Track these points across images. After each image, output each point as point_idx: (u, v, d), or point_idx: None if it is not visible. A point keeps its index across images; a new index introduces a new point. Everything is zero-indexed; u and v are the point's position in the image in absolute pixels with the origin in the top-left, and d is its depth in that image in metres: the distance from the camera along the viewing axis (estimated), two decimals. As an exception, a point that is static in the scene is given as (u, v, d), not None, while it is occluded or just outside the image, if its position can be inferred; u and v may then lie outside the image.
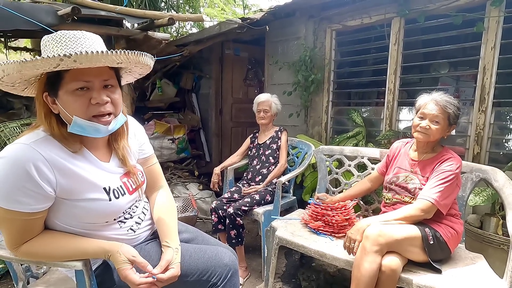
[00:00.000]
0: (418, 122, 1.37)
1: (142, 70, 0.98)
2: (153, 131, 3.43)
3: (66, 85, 0.81)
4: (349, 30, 2.63)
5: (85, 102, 0.82)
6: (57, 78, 0.81)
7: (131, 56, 0.82)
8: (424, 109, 1.37)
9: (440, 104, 1.33)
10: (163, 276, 0.89)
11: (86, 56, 0.74)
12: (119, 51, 0.79)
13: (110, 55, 0.77)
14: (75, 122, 0.82)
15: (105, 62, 0.79)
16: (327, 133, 2.85)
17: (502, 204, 1.35)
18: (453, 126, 1.38)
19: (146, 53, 0.87)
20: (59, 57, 0.72)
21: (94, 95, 0.83)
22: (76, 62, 0.74)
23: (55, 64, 0.74)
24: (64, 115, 0.84)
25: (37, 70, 0.76)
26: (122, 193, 0.95)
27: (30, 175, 0.77)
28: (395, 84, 2.38)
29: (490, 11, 1.89)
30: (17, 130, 2.38)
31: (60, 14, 2.16)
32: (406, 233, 1.25)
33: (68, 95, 0.81)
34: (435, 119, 1.33)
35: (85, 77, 0.81)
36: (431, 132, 1.35)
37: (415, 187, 1.42)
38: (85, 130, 0.84)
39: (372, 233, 1.24)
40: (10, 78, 0.78)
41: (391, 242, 1.22)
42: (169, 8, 5.28)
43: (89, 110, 0.83)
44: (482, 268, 1.30)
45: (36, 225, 0.85)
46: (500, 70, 1.92)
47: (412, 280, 1.20)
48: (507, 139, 2.17)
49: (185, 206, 2.75)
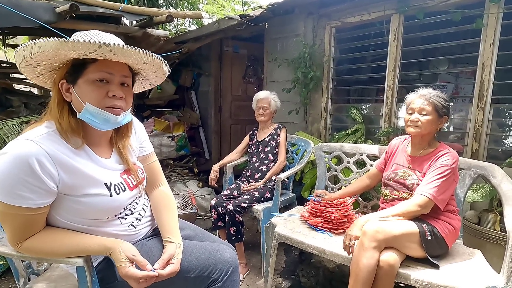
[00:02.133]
0: (408, 117, 1.44)
1: (156, 78, 1.04)
2: (153, 129, 3.43)
3: (88, 74, 0.85)
4: (348, 27, 2.63)
5: (102, 93, 0.86)
6: (82, 66, 0.85)
7: (156, 60, 0.90)
8: (412, 104, 1.44)
9: (426, 97, 1.40)
10: (163, 272, 0.90)
11: (121, 49, 0.80)
12: (148, 52, 0.86)
13: (141, 53, 0.84)
14: (87, 109, 0.85)
15: (134, 59, 0.86)
16: (326, 130, 2.85)
17: (500, 200, 1.37)
18: (444, 117, 1.40)
19: (166, 61, 0.94)
20: (98, 44, 0.77)
21: (113, 88, 0.88)
22: (111, 52, 0.80)
23: (92, 50, 0.78)
24: (77, 103, 0.86)
25: (73, 52, 0.79)
26: (123, 189, 0.96)
27: (33, 170, 0.77)
28: (394, 81, 2.38)
29: (489, 7, 1.90)
30: (16, 128, 2.38)
31: (59, 11, 2.15)
32: (404, 229, 1.26)
33: (87, 84, 0.85)
34: (423, 111, 1.39)
35: (109, 70, 0.86)
36: (421, 124, 1.39)
37: (413, 183, 1.44)
38: (94, 118, 0.86)
39: (370, 229, 1.25)
40: (41, 56, 0.80)
41: (389, 238, 1.23)
42: (167, 5, 5.26)
43: (104, 101, 0.87)
44: (480, 264, 1.31)
45: (39, 221, 0.85)
46: (499, 67, 1.92)
47: (410, 276, 1.22)
48: (505, 136, 2.18)
49: (184, 203, 2.75)
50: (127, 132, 1.03)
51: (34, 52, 0.79)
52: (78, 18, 2.31)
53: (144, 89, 1.14)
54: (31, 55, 0.80)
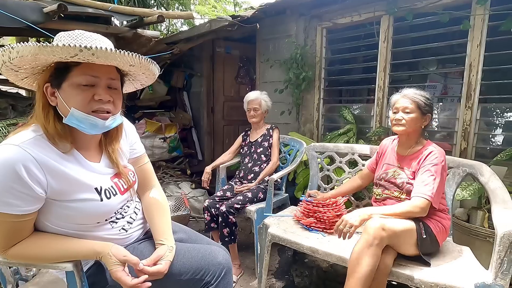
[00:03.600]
0: (393, 116, 1.49)
1: (146, 79, 1.01)
2: (144, 130, 3.40)
3: (72, 78, 0.81)
4: (339, 28, 2.65)
5: (88, 96, 0.83)
6: (65, 70, 0.81)
7: (144, 62, 0.86)
8: (396, 104, 1.49)
9: (408, 96, 1.45)
10: (149, 269, 0.88)
11: (105, 52, 0.76)
12: (134, 54, 0.82)
13: (126, 55, 0.80)
14: (72, 114, 0.81)
15: (119, 62, 0.82)
16: (318, 130, 2.87)
17: (488, 198, 1.39)
18: (427, 115, 1.44)
19: (155, 62, 0.90)
20: (79, 47, 0.73)
21: (99, 91, 0.84)
22: (94, 55, 0.75)
23: (73, 54, 0.74)
24: (63, 107, 0.83)
25: (53, 56, 0.75)
26: (114, 193, 0.95)
27: (20, 176, 0.75)
28: (385, 81, 2.41)
29: (476, 9, 1.94)
30: (3, 130, 2.33)
31: (46, 11, 2.11)
32: (404, 226, 1.27)
33: (72, 88, 0.82)
34: (406, 110, 1.44)
35: (94, 73, 0.82)
36: (405, 122, 1.43)
37: (403, 182, 1.46)
38: (81, 123, 0.83)
39: (375, 226, 1.22)
40: (21, 60, 0.77)
41: (392, 235, 1.22)
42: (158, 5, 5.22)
43: (90, 105, 0.83)
44: (469, 260, 1.34)
45: (26, 227, 0.83)
46: (486, 67, 1.96)
47: (402, 274, 1.23)
48: (493, 135, 2.23)
49: (177, 205, 2.73)
50: (116, 135, 1.00)
51: (13, 57, 0.75)
52: (67, 19, 2.27)
53: (136, 89, 1.10)
54: (10, 60, 0.76)
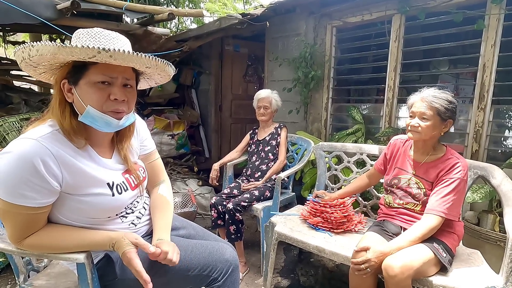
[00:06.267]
0: (409, 122, 1.35)
1: (161, 79, 1.02)
2: (153, 127, 3.43)
3: (89, 76, 0.83)
4: (349, 26, 2.62)
5: (104, 95, 0.84)
6: (83, 68, 0.82)
7: (160, 64, 0.87)
8: (413, 107, 1.34)
9: (427, 101, 1.30)
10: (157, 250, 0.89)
11: (122, 54, 0.77)
12: (152, 57, 0.83)
13: (143, 58, 0.81)
14: (88, 111, 0.83)
15: (136, 64, 0.83)
16: (326, 129, 2.85)
17: (500, 201, 1.37)
18: (448, 121, 1.31)
19: (171, 63, 0.91)
20: (97, 49, 0.74)
21: (114, 91, 0.85)
22: (111, 57, 0.77)
23: (91, 55, 0.75)
24: (79, 104, 0.85)
25: (72, 57, 0.77)
26: (125, 189, 0.96)
27: (37, 170, 0.77)
28: (395, 81, 2.38)
29: (491, 8, 1.89)
30: (16, 124, 2.38)
31: (59, 8, 2.15)
32: (422, 258, 1.18)
33: (89, 86, 0.83)
34: (423, 116, 1.30)
35: (110, 73, 0.84)
36: (421, 130, 1.30)
37: (420, 193, 1.37)
38: (95, 122, 0.85)
39: (395, 266, 1.14)
40: (40, 58, 0.79)
41: (411, 273, 1.14)
42: (169, 3, 5.25)
43: (105, 104, 0.85)
44: (479, 264, 1.32)
45: (40, 220, 0.85)
46: (500, 68, 1.92)
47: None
48: (505, 137, 2.18)
49: (184, 202, 2.75)
50: (129, 133, 1.01)
51: (32, 55, 0.77)
52: (79, 15, 2.31)
53: (150, 86, 1.12)
54: (30, 57, 0.78)
